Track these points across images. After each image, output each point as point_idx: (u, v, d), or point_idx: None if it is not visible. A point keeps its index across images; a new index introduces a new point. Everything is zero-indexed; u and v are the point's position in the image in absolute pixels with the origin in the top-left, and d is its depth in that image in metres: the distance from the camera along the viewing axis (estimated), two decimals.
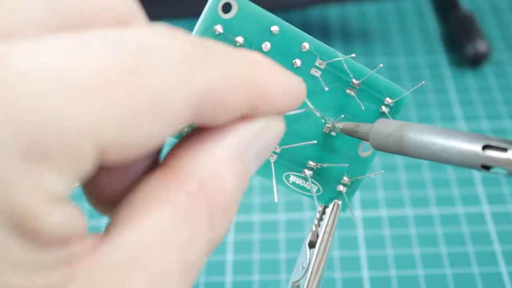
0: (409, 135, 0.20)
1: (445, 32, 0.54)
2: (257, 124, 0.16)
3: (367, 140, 0.22)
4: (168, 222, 0.13)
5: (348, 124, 0.23)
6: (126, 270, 0.13)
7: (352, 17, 0.57)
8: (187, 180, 0.14)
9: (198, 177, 0.14)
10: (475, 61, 0.50)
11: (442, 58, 0.52)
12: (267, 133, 0.16)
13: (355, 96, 0.23)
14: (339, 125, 0.23)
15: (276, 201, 0.23)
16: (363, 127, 0.22)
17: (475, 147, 0.18)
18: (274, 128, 0.16)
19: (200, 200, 0.14)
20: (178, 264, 0.13)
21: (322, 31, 0.55)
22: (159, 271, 0.13)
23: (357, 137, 0.23)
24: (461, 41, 0.51)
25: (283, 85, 0.16)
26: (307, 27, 0.55)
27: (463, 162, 0.19)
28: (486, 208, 0.40)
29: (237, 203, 0.15)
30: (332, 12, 0.57)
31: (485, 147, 0.18)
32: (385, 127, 0.21)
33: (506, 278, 0.36)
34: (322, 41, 0.22)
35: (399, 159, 0.44)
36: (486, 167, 0.18)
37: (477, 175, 0.42)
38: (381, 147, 0.21)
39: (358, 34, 0.55)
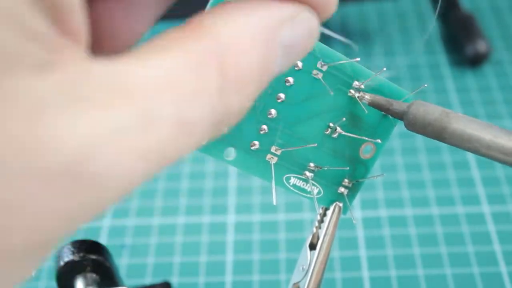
0: (453, 127, 0.20)
1: (445, 32, 0.54)
2: (290, 8, 0.15)
3: (400, 119, 0.21)
4: (173, 68, 0.13)
5: (379, 99, 0.22)
6: (114, 95, 0.12)
7: (352, 17, 0.57)
8: (206, 36, 0.13)
9: (217, 38, 0.13)
10: (475, 61, 0.50)
11: (442, 58, 0.52)
12: (299, 23, 0.15)
13: (357, 99, 0.23)
14: (368, 96, 0.22)
15: (275, 203, 0.23)
16: (396, 106, 0.22)
17: None
18: (307, 21, 0.15)
19: (213, 58, 0.13)
20: (172, 114, 0.12)
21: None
22: (147, 112, 0.12)
23: (388, 114, 0.22)
24: (461, 41, 0.51)
25: None
26: None
27: (506, 161, 0.19)
28: (486, 208, 0.40)
29: (254, 88, 0.14)
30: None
31: None
32: (425, 113, 0.20)
33: (506, 278, 0.36)
34: (322, 42, 0.22)
35: (399, 159, 0.44)
36: None
37: (477, 175, 0.42)
38: (417, 131, 0.21)
39: (358, 34, 0.55)
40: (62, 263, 0.28)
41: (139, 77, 0.12)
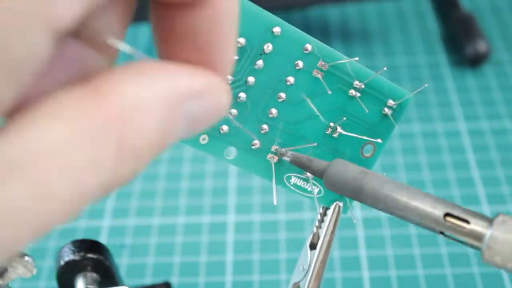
0: (370, 187, 0.20)
1: (445, 32, 0.54)
2: (198, 80, 0.14)
3: (320, 178, 0.21)
4: (72, 135, 0.12)
5: (300, 157, 0.22)
6: (8, 170, 0.11)
7: (352, 17, 0.57)
8: (107, 102, 0.13)
9: (119, 105, 0.13)
10: (475, 61, 0.50)
11: (442, 58, 0.52)
12: (208, 99, 0.14)
13: (358, 98, 0.23)
14: (289, 154, 0.23)
15: (275, 203, 0.23)
16: (316, 164, 0.22)
17: (437, 213, 0.18)
18: (217, 96, 0.15)
19: (112, 128, 0.13)
20: (68, 188, 0.12)
21: (322, 31, 0.55)
22: (43, 190, 0.12)
23: (308, 172, 0.22)
24: (461, 41, 0.51)
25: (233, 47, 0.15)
26: (307, 27, 0.55)
27: (421, 224, 0.19)
28: (485, 208, 0.40)
29: (150, 156, 0.13)
30: (332, 12, 0.57)
31: (446, 215, 0.18)
32: (344, 172, 0.20)
33: (506, 278, 0.36)
34: (322, 42, 0.22)
35: (399, 159, 0.44)
36: (444, 234, 0.18)
37: (477, 175, 0.42)
38: (336, 190, 0.21)
39: (358, 34, 0.55)
40: (62, 262, 0.28)
41: (32, 148, 0.12)
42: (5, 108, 0.11)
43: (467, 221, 0.18)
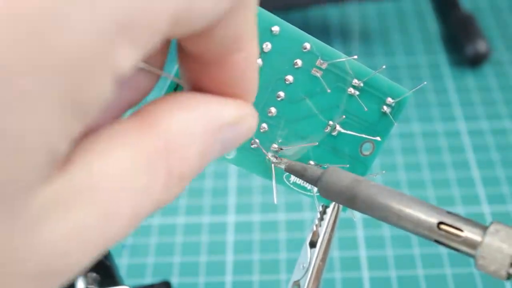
0: (364, 194, 0.20)
1: (445, 32, 0.54)
2: (233, 111, 0.16)
3: (314, 186, 0.21)
4: (129, 166, 0.13)
5: (294, 165, 0.23)
6: (74, 202, 0.13)
7: (352, 17, 0.57)
8: (157, 135, 0.14)
9: (167, 136, 0.14)
10: (475, 61, 0.50)
11: (442, 58, 0.52)
12: (241, 126, 0.16)
13: (357, 97, 0.23)
14: (285, 161, 0.23)
15: (275, 202, 0.23)
16: (310, 172, 0.22)
17: (431, 221, 0.18)
18: (248, 124, 0.17)
19: (162, 158, 0.14)
20: (128, 209, 0.14)
21: (322, 31, 0.55)
22: (108, 211, 0.13)
23: (303, 180, 0.22)
24: (461, 41, 0.51)
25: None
26: (307, 27, 0.55)
27: (415, 232, 0.19)
28: (486, 208, 0.40)
29: (191, 178, 0.15)
30: (332, 12, 0.57)
31: (440, 223, 0.18)
32: (338, 181, 0.20)
33: None
34: (322, 41, 0.22)
35: (399, 159, 0.44)
36: (439, 242, 0.18)
37: (477, 175, 0.42)
38: (331, 198, 0.21)
39: (358, 34, 0.55)
40: None
41: (99, 179, 0.13)
42: (72, 142, 0.13)
43: (460, 229, 0.18)
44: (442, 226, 0.18)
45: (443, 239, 0.18)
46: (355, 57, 0.23)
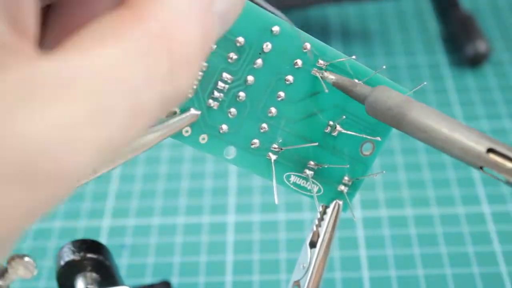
0: (412, 115, 0.19)
1: (445, 32, 0.54)
2: None
3: (361, 103, 0.21)
4: (123, 56, 0.12)
5: (344, 80, 0.22)
6: (63, 92, 0.11)
7: (352, 17, 0.57)
8: (150, 20, 0.13)
9: (161, 20, 0.13)
10: (475, 61, 0.50)
11: (442, 58, 0.52)
12: None
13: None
14: (332, 76, 0.22)
15: (276, 202, 0.23)
16: (360, 88, 0.21)
17: (480, 148, 0.18)
18: None
19: (161, 42, 0.13)
20: (123, 106, 0.12)
21: (322, 31, 0.55)
22: (98, 106, 0.12)
23: (350, 96, 0.21)
24: (461, 41, 0.51)
25: None
26: (307, 27, 0.55)
27: (462, 158, 0.18)
28: (486, 208, 0.40)
29: (200, 59, 0.14)
30: (332, 12, 0.57)
31: (489, 151, 0.18)
32: (387, 98, 0.20)
33: (506, 278, 0.36)
34: (322, 41, 0.22)
35: (399, 159, 0.44)
36: (484, 170, 0.18)
37: (477, 175, 0.42)
38: (376, 116, 0.20)
39: (358, 34, 0.55)
40: (62, 262, 0.28)
41: (86, 71, 0.12)
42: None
43: (510, 159, 0.17)
44: (491, 154, 0.18)
45: (490, 167, 0.18)
46: (354, 57, 0.23)
